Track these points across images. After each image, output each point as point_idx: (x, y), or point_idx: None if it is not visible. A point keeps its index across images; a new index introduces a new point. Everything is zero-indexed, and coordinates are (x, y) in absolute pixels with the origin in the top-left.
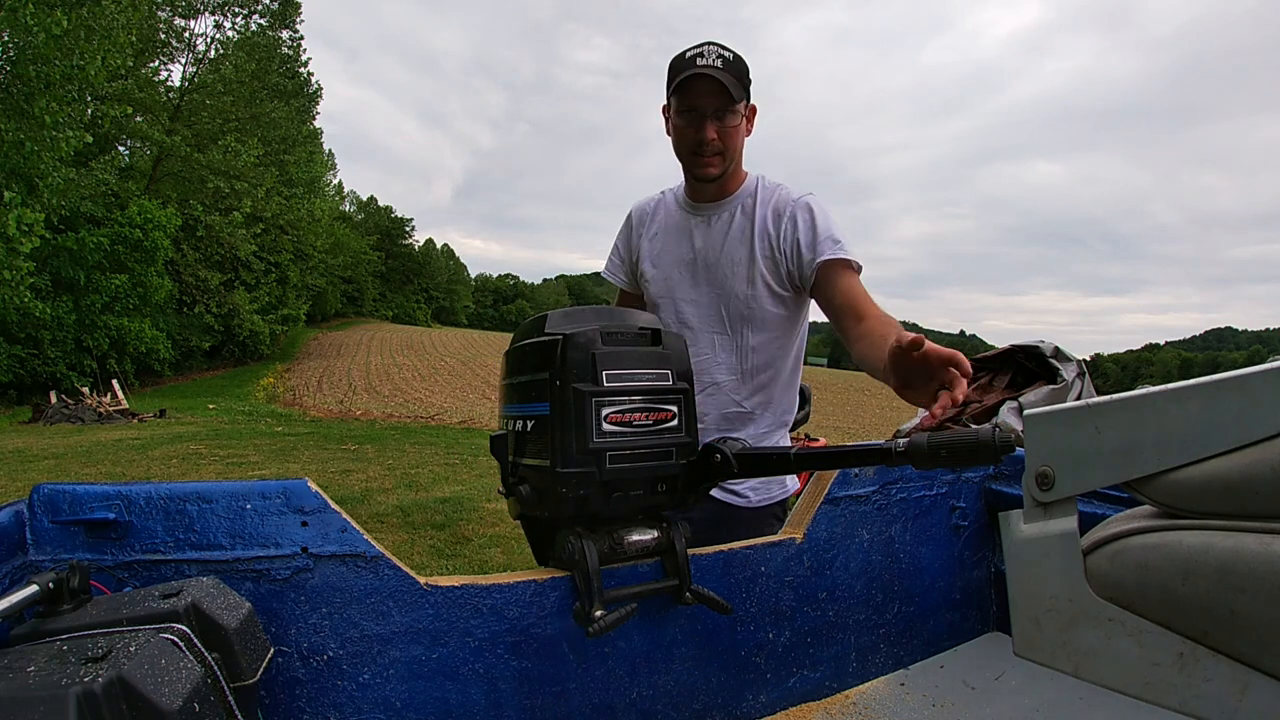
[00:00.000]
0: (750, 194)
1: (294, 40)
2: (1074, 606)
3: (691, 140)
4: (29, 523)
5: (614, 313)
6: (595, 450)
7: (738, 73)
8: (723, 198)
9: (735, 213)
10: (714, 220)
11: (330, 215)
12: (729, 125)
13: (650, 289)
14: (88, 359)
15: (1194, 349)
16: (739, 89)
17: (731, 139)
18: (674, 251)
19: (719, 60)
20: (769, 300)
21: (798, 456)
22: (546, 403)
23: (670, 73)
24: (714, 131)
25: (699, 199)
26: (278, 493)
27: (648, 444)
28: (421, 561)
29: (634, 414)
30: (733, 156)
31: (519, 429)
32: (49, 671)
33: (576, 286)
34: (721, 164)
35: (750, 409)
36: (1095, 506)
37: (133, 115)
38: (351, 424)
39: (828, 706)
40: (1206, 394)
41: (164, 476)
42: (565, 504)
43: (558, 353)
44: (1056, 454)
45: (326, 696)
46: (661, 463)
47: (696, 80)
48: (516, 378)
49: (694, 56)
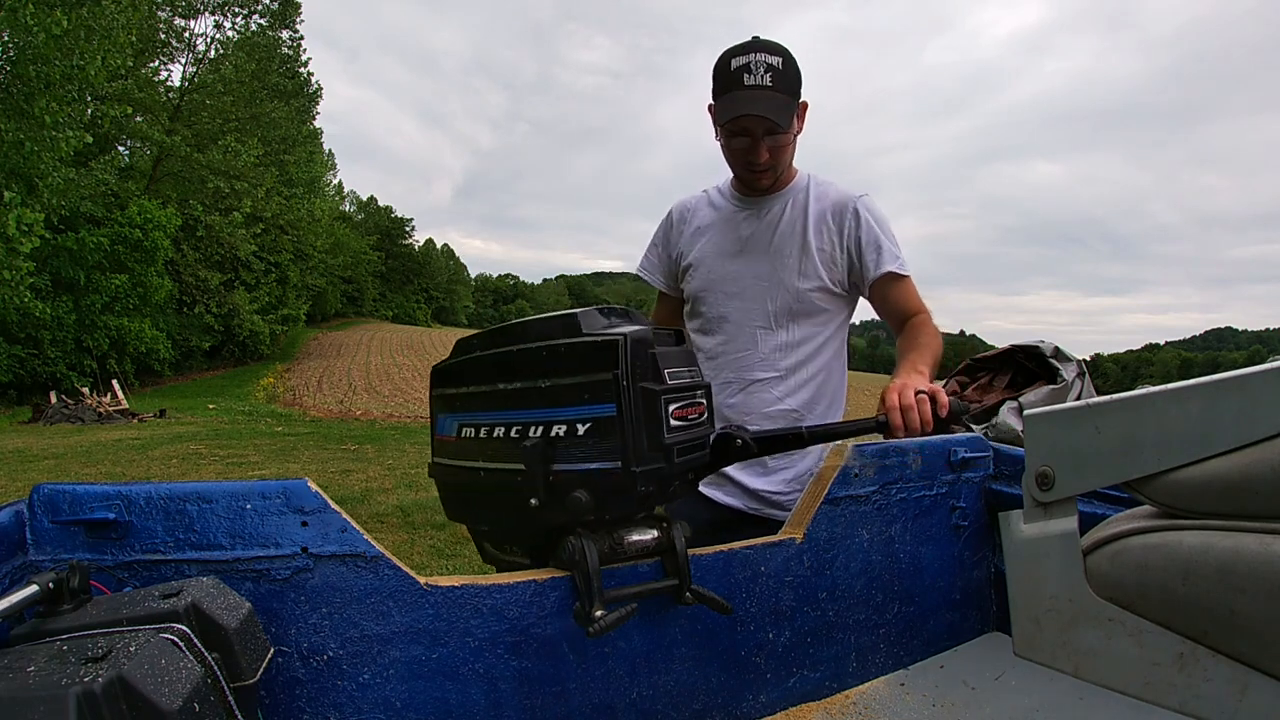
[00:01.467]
0: (803, 188)
1: (294, 40)
2: (1074, 606)
3: (742, 159)
4: (29, 523)
5: (630, 314)
6: (667, 446)
7: (788, 85)
8: (773, 191)
9: (787, 205)
10: (764, 212)
11: (330, 215)
12: (781, 144)
13: (692, 283)
14: (88, 359)
15: (1194, 349)
16: (789, 111)
17: (782, 155)
18: (719, 243)
19: (769, 76)
20: (819, 294)
21: (810, 432)
22: (612, 403)
23: (716, 80)
24: (766, 152)
25: (748, 192)
26: (278, 493)
27: (697, 436)
28: (421, 561)
29: (689, 409)
30: (785, 165)
31: (558, 434)
32: (49, 671)
33: (576, 286)
34: (773, 176)
35: (795, 406)
36: (1095, 506)
37: (133, 115)
38: (351, 424)
39: (828, 706)
40: (1206, 394)
41: (164, 476)
42: (637, 502)
43: (622, 353)
44: (1056, 454)
45: (326, 696)
46: (701, 453)
47: (746, 110)
48: (557, 380)
49: (741, 70)
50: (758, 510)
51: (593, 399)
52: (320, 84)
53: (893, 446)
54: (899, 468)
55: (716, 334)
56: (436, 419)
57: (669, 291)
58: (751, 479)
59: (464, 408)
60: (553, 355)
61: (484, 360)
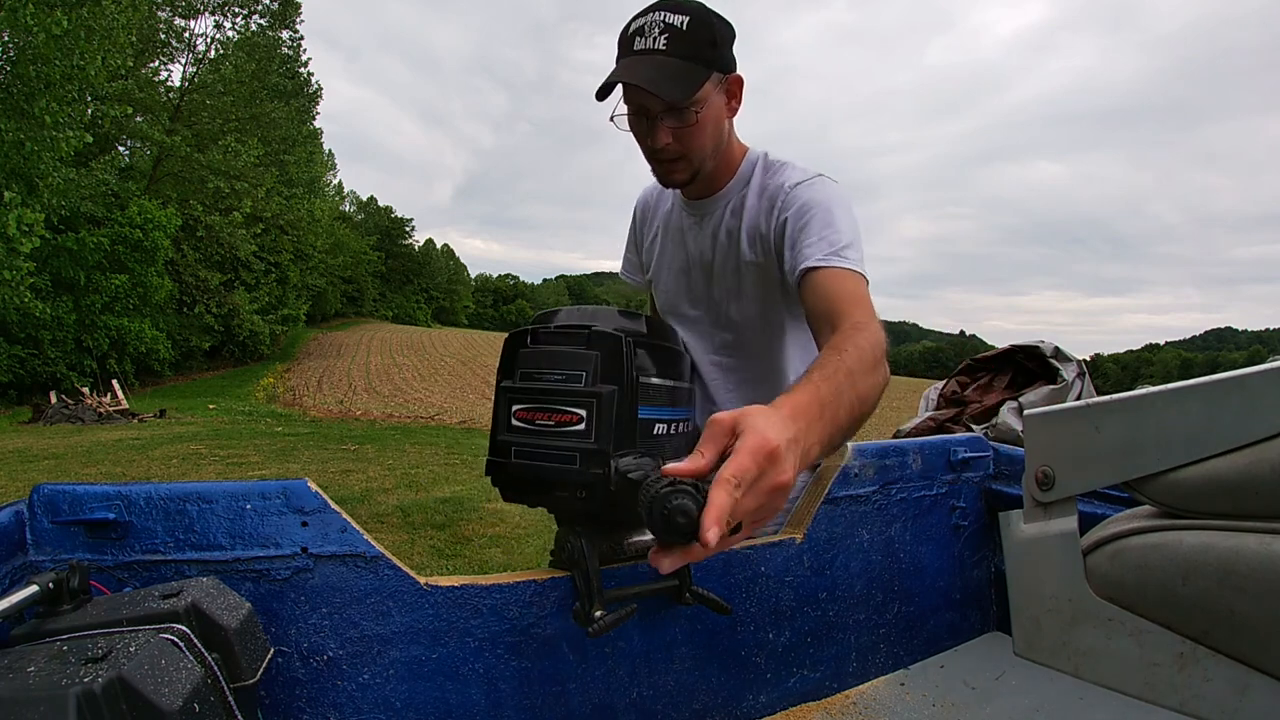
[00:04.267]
0: (744, 183)
1: (294, 40)
2: (1074, 606)
3: (644, 147)
4: (29, 523)
5: (630, 313)
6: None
7: (692, 48)
8: (713, 193)
9: (725, 212)
10: (705, 222)
11: (330, 215)
12: (684, 124)
13: (657, 299)
14: (88, 359)
15: (1194, 349)
16: (686, 81)
17: (692, 139)
18: (670, 258)
19: (664, 38)
20: (765, 319)
21: None
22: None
23: (618, 50)
24: (666, 135)
25: (690, 195)
26: (278, 493)
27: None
28: (421, 561)
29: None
30: (701, 156)
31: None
32: (49, 672)
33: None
34: (687, 168)
35: None
36: (1095, 506)
37: (133, 115)
38: (351, 424)
39: (828, 706)
40: (1206, 394)
41: (164, 476)
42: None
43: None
44: (1056, 454)
45: (326, 696)
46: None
47: (624, 77)
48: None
49: (635, 34)
50: None
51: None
52: (320, 84)
53: (892, 446)
54: (899, 468)
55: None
56: None
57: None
58: None
59: None
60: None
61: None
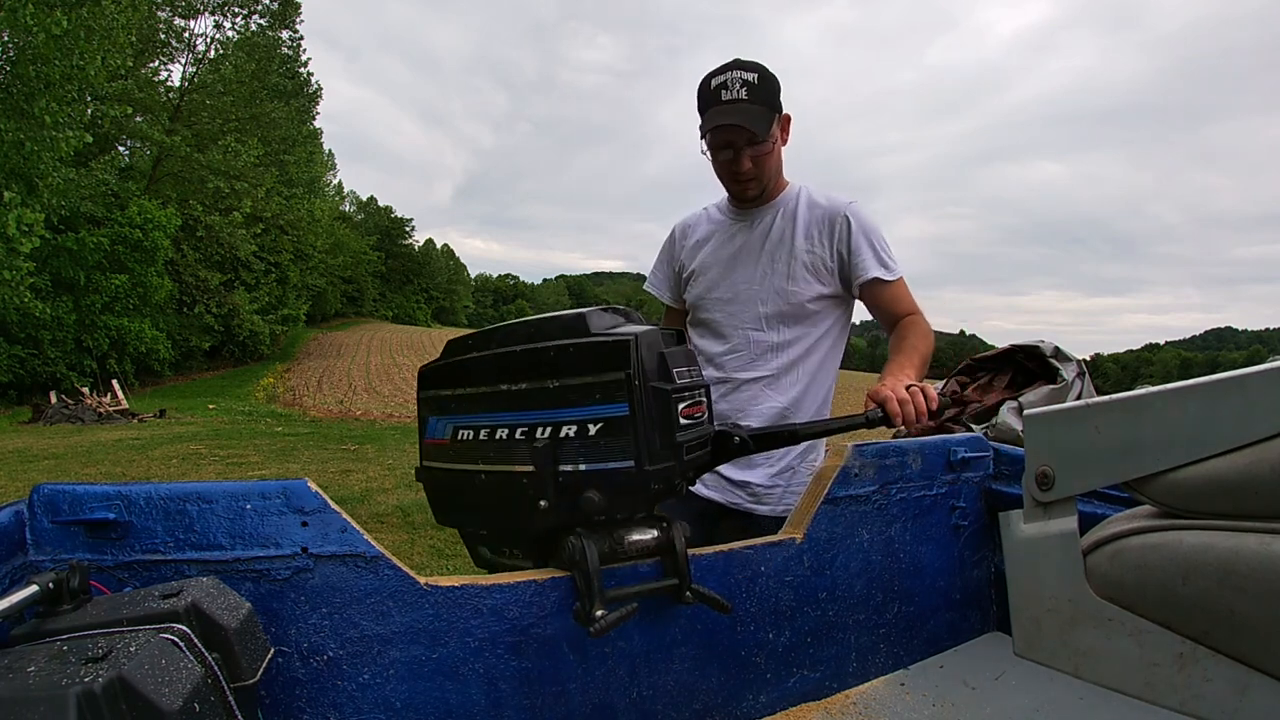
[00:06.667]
0: (794, 198)
1: (294, 40)
2: (1074, 606)
3: (728, 171)
4: (29, 523)
5: (630, 314)
6: (678, 445)
7: (765, 98)
8: (765, 203)
9: (778, 215)
10: (756, 223)
11: (330, 215)
12: (762, 153)
13: (692, 291)
14: (88, 359)
15: (1194, 349)
16: (766, 121)
17: (765, 165)
18: (716, 253)
19: (744, 90)
20: (809, 299)
21: (804, 429)
22: (624, 403)
23: (699, 101)
24: (748, 162)
25: (741, 205)
26: (278, 493)
27: (703, 434)
28: (421, 561)
29: (694, 408)
30: (770, 176)
31: (568, 434)
32: (49, 671)
33: (576, 286)
34: (759, 186)
35: (784, 405)
36: (1095, 506)
37: (133, 115)
38: (351, 424)
39: (828, 706)
40: (1206, 394)
41: (164, 476)
42: (647, 501)
43: (633, 353)
44: (1056, 454)
45: (326, 696)
46: (704, 451)
47: (723, 120)
48: (567, 379)
49: (719, 88)
50: (738, 504)
51: (604, 399)
52: (320, 84)
53: (892, 446)
54: (899, 468)
55: (712, 338)
56: (427, 421)
57: (675, 305)
58: (735, 471)
59: (460, 410)
60: (561, 355)
61: (484, 361)
